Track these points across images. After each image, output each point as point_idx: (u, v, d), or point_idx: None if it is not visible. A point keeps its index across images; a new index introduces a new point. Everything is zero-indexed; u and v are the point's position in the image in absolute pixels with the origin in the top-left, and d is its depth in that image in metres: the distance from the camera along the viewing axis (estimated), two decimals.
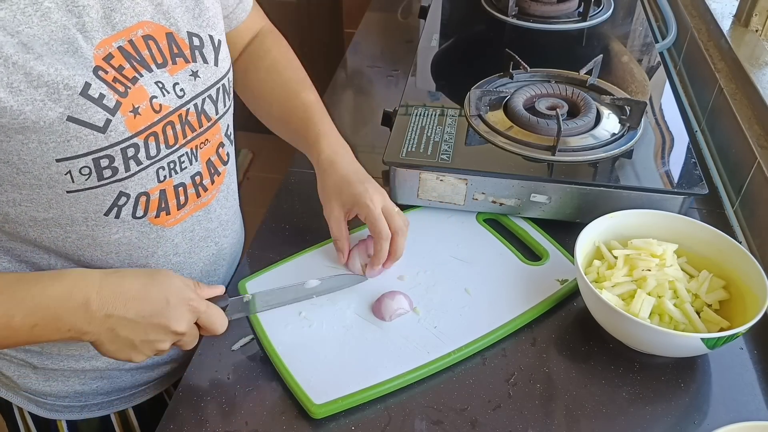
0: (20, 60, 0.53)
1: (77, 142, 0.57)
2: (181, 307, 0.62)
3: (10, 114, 0.54)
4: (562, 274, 0.80)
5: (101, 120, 0.58)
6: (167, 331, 0.61)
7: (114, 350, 0.61)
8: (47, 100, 0.55)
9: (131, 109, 0.60)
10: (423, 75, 1.12)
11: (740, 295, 0.73)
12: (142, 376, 0.80)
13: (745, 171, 0.94)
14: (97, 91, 0.58)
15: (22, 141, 0.56)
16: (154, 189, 0.66)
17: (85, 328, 0.58)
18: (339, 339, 0.72)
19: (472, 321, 0.74)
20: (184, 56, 0.66)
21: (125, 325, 0.60)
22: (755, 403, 0.69)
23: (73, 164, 0.58)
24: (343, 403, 0.66)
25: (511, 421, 0.66)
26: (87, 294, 0.58)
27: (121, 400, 0.81)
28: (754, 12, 1.17)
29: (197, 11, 0.68)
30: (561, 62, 1.07)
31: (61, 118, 0.56)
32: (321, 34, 2.46)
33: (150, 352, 0.63)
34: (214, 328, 0.66)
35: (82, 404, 0.79)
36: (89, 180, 0.60)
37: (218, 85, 0.70)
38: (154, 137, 0.63)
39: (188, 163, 0.68)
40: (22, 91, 0.54)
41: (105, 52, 0.59)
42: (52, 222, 0.63)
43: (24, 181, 0.59)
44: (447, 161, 0.87)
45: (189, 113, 0.66)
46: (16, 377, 0.75)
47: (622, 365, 0.72)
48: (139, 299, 0.60)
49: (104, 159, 0.59)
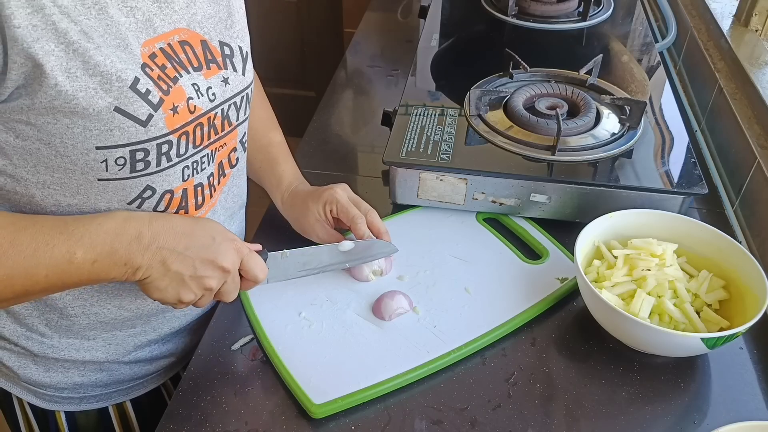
0: (80, 48, 0.55)
1: (119, 132, 0.60)
2: (226, 244, 0.65)
3: (63, 97, 0.56)
4: (562, 273, 0.81)
5: (144, 114, 0.60)
6: (215, 266, 0.64)
7: (165, 286, 0.63)
8: (99, 89, 0.57)
9: (171, 107, 0.63)
10: (423, 75, 1.12)
11: (740, 294, 0.73)
12: (141, 369, 0.81)
13: (744, 171, 0.94)
14: (145, 86, 0.60)
15: (68, 125, 0.58)
16: (179, 188, 0.68)
17: (139, 260, 0.61)
18: (339, 339, 0.72)
19: (472, 320, 0.74)
20: (216, 63, 0.69)
21: (175, 258, 0.62)
22: (755, 403, 0.69)
23: (111, 153, 0.60)
24: (342, 403, 0.66)
25: (511, 420, 0.66)
26: (139, 228, 0.61)
27: (119, 392, 0.82)
28: (753, 12, 1.17)
29: (229, 23, 0.71)
30: (561, 62, 1.07)
31: (109, 107, 0.58)
32: (321, 34, 2.46)
33: (198, 289, 0.65)
34: (255, 273, 0.68)
35: (81, 396, 0.80)
36: (122, 171, 0.62)
37: (243, 93, 0.73)
38: (185, 136, 0.65)
39: (206, 164, 0.71)
40: (78, 77, 0.56)
41: (150, 51, 0.61)
42: (75, 208, 0.64)
43: (59, 164, 0.61)
44: (447, 161, 0.87)
45: (216, 117, 0.69)
46: (17, 368, 0.76)
47: (622, 365, 0.72)
48: (188, 234, 0.63)
49: (140, 152, 0.62)
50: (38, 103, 0.56)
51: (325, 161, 1.04)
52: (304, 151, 1.07)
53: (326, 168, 1.02)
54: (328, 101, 1.22)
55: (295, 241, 0.85)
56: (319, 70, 2.48)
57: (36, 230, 0.58)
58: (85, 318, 0.72)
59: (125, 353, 0.78)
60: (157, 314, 0.77)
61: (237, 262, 0.66)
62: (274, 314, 0.75)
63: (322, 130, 1.13)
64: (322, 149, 1.08)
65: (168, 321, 0.80)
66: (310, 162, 1.03)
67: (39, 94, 0.55)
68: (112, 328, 0.75)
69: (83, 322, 0.73)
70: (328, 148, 1.09)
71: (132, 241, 0.61)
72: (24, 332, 0.74)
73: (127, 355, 0.78)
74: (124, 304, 0.73)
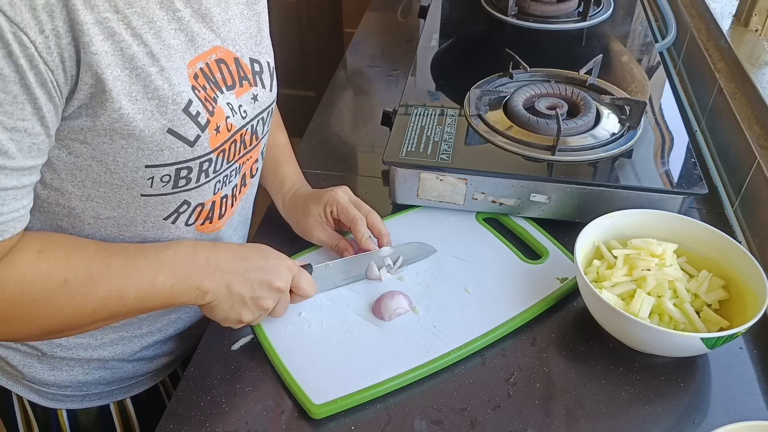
0: (144, 72, 0.57)
1: (169, 152, 0.61)
2: (279, 265, 0.69)
3: (124, 120, 0.57)
4: (562, 273, 0.81)
5: (193, 135, 0.62)
6: (271, 287, 0.68)
7: (227, 308, 0.67)
8: (156, 111, 0.59)
9: (215, 127, 0.65)
10: (423, 75, 1.12)
11: (740, 294, 0.73)
12: (142, 367, 0.82)
13: (744, 171, 0.94)
14: (196, 108, 0.62)
15: (123, 146, 0.59)
16: (209, 201, 0.70)
17: (207, 284, 0.65)
18: (339, 339, 0.72)
19: (472, 320, 0.74)
20: (248, 80, 0.70)
21: (238, 281, 0.66)
22: (755, 403, 0.69)
23: (158, 171, 0.62)
24: (342, 403, 0.66)
25: (511, 420, 0.66)
26: (207, 254, 0.66)
27: (121, 390, 0.83)
28: (753, 12, 1.17)
29: (258, 38, 0.73)
30: (561, 62, 1.07)
31: (162, 129, 0.60)
32: (321, 34, 2.46)
33: (257, 309, 0.68)
34: (306, 289, 0.71)
35: (83, 394, 0.80)
36: (165, 187, 0.64)
37: (269, 108, 0.75)
38: (222, 153, 0.67)
39: (234, 177, 0.73)
40: (138, 100, 0.57)
41: (193, 72, 0.62)
42: (113, 222, 0.66)
43: (107, 180, 0.62)
44: (447, 161, 0.87)
45: (246, 133, 0.71)
46: (21, 366, 0.77)
47: (622, 365, 0.72)
48: (245, 257, 0.68)
49: (184, 170, 0.64)
50: (99, 125, 0.57)
51: (325, 161, 1.04)
52: (304, 151, 1.07)
53: (326, 168, 1.02)
54: (328, 101, 1.22)
55: (295, 241, 0.85)
56: (319, 70, 2.48)
57: (125, 255, 0.62)
58: None
59: (131, 353, 0.79)
60: (164, 316, 0.78)
61: (289, 281, 0.70)
62: None
63: (322, 130, 1.13)
64: (322, 149, 1.08)
65: (174, 322, 0.80)
66: (310, 162, 1.03)
67: (102, 117, 0.56)
68: (120, 328, 0.76)
69: None
70: (328, 148, 1.09)
71: (202, 266, 0.65)
72: None
73: (133, 354, 0.79)
74: None
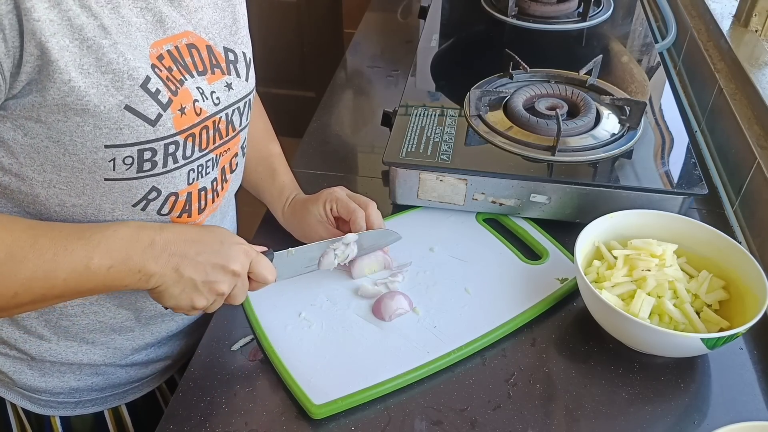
0: (95, 44, 0.56)
1: (128, 131, 0.60)
2: (235, 248, 0.66)
3: (76, 94, 0.56)
4: (562, 273, 0.81)
5: (153, 114, 0.61)
6: (225, 270, 0.65)
7: (178, 293, 0.64)
8: (111, 86, 0.58)
9: (179, 107, 0.63)
10: (423, 75, 1.12)
11: (740, 295, 0.73)
12: (137, 372, 0.81)
13: (744, 171, 0.94)
14: (155, 85, 0.61)
15: (79, 123, 0.58)
16: (183, 191, 0.68)
17: (152, 267, 0.61)
18: (339, 339, 0.72)
19: (472, 320, 0.74)
20: (221, 68, 0.69)
21: (187, 264, 0.63)
22: (755, 403, 0.69)
23: (119, 152, 0.61)
24: (342, 404, 0.66)
25: (511, 421, 0.66)
26: (152, 235, 0.62)
27: (115, 396, 0.82)
28: (753, 12, 1.17)
29: (233, 29, 0.72)
30: (561, 62, 1.07)
31: (119, 105, 0.59)
32: (321, 35, 2.46)
33: (210, 294, 0.65)
34: (264, 275, 0.68)
35: (76, 400, 0.79)
36: (129, 170, 0.62)
37: (246, 99, 0.74)
38: (192, 138, 0.66)
39: (210, 169, 0.71)
40: (90, 74, 0.57)
41: (158, 53, 0.62)
42: (79, 209, 0.64)
43: (67, 163, 0.61)
44: (447, 161, 0.87)
45: (220, 121, 0.70)
46: (12, 373, 0.76)
47: (622, 365, 0.72)
48: (197, 240, 0.64)
49: (148, 151, 0.62)
50: (50, 99, 0.56)
51: (325, 162, 1.04)
52: (304, 151, 1.07)
53: (326, 168, 1.02)
54: (328, 102, 1.22)
55: (294, 242, 0.85)
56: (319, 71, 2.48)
57: (55, 235, 0.59)
58: (85, 318, 0.72)
59: (123, 357, 0.78)
60: (155, 318, 0.78)
61: (246, 265, 0.67)
62: (273, 315, 0.75)
63: (322, 131, 1.13)
64: (322, 150, 1.08)
65: (166, 325, 0.80)
66: (310, 162, 1.03)
67: (51, 91, 0.56)
68: (111, 331, 0.75)
69: (83, 322, 0.73)
70: (328, 148, 1.09)
71: (146, 248, 0.61)
72: (22, 335, 0.73)
73: (125, 358, 0.78)
74: (123, 303, 0.73)
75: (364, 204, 0.81)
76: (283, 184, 0.88)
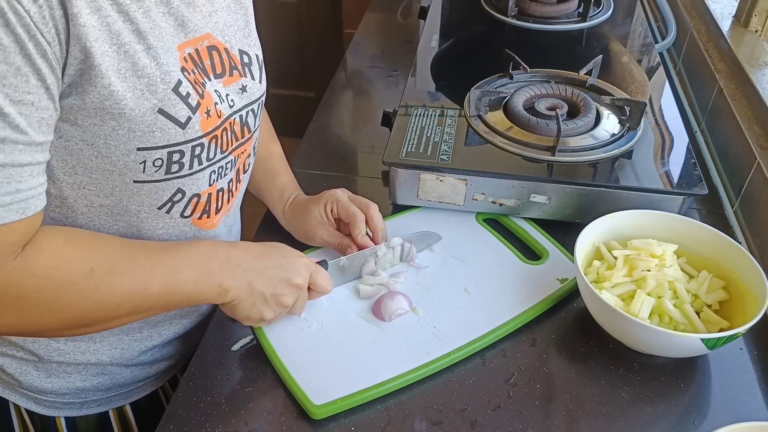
0: (131, 49, 0.57)
1: (160, 134, 0.61)
2: (297, 263, 0.70)
3: (114, 98, 0.57)
4: (562, 273, 0.81)
5: (184, 116, 0.62)
6: (290, 283, 0.69)
7: (249, 306, 0.68)
8: (146, 90, 0.59)
9: (206, 110, 0.65)
10: (423, 75, 1.12)
11: (740, 295, 0.73)
12: (141, 372, 0.81)
13: (744, 171, 0.95)
14: (186, 89, 0.62)
15: (114, 127, 0.59)
16: (205, 192, 0.70)
17: (230, 282, 0.65)
18: (339, 340, 0.72)
19: (472, 321, 0.74)
20: (238, 70, 0.71)
21: (258, 278, 0.67)
22: (755, 404, 0.69)
23: (150, 154, 0.62)
24: (343, 404, 0.66)
25: (511, 421, 0.66)
26: (227, 252, 0.66)
27: (120, 396, 0.82)
28: (753, 12, 1.18)
29: (247, 31, 0.74)
30: (561, 63, 1.07)
31: (153, 109, 0.60)
32: (321, 35, 2.46)
33: (278, 307, 0.69)
34: (324, 285, 0.72)
35: (82, 401, 0.79)
36: (158, 173, 0.64)
37: (259, 101, 0.75)
38: (215, 140, 0.67)
39: (229, 170, 0.73)
40: (127, 78, 0.58)
41: (183, 55, 0.63)
42: (106, 210, 0.65)
43: (99, 165, 0.61)
44: (447, 161, 0.87)
45: (235, 123, 0.71)
46: (18, 374, 0.76)
47: (622, 366, 0.72)
48: (264, 256, 0.69)
49: (176, 153, 0.63)
50: (89, 103, 0.57)
51: (325, 162, 1.04)
52: (304, 151, 1.07)
53: (326, 168, 1.02)
54: (328, 102, 1.22)
55: (294, 243, 0.85)
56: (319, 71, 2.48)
57: (149, 250, 0.63)
58: None
59: (130, 357, 0.78)
60: (164, 320, 0.78)
61: (308, 278, 0.70)
62: None
63: (322, 131, 1.13)
64: (322, 150, 1.08)
65: (174, 326, 0.80)
66: (310, 163, 1.03)
67: (91, 95, 0.56)
68: (119, 331, 0.75)
69: None
70: (328, 148, 1.09)
71: (223, 263, 0.65)
72: None
73: (132, 359, 0.78)
74: None
75: (365, 206, 0.81)
76: (283, 184, 0.88)
